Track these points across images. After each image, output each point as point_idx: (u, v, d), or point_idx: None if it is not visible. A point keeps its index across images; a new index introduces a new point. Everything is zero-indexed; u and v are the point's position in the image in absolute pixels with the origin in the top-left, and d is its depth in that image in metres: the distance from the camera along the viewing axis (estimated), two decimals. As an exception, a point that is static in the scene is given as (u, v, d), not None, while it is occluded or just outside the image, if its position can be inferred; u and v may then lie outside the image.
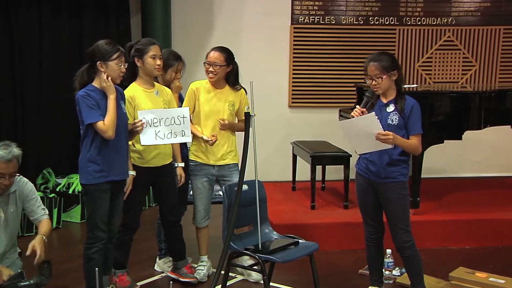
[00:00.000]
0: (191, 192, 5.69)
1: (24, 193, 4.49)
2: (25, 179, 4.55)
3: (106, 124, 4.29)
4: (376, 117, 4.35)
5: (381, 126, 4.33)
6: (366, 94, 4.60)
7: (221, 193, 5.80)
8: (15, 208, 4.46)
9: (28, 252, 4.24)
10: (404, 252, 4.61)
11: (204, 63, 5.16)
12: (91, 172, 4.40)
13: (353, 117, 4.49)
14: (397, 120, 4.46)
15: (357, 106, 4.53)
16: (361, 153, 4.68)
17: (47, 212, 4.63)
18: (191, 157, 5.27)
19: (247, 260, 5.22)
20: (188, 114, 4.77)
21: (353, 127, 4.48)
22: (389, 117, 4.48)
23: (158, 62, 4.86)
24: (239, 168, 5.07)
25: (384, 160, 4.51)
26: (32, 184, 4.61)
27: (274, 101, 8.34)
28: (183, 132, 4.74)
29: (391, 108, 4.51)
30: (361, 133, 4.40)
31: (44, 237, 4.38)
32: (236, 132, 5.28)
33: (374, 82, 4.48)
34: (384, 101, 4.56)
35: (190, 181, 5.37)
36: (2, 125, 7.15)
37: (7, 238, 4.43)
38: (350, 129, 4.50)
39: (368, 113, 4.49)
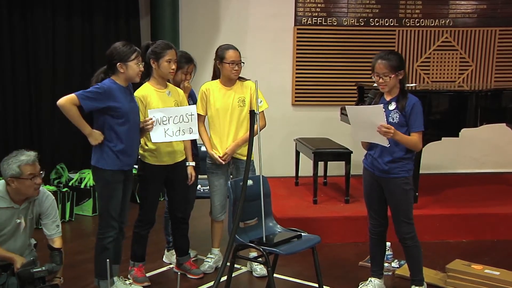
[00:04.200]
0: (199, 186, 5.79)
1: (42, 206, 4.51)
2: (48, 193, 4.59)
3: (70, 107, 4.39)
4: (384, 110, 4.38)
5: (385, 119, 4.35)
6: (369, 95, 4.60)
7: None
8: (32, 215, 4.51)
9: None
10: (406, 243, 4.68)
11: (228, 63, 5.10)
12: (105, 158, 4.54)
13: None
14: (398, 118, 4.51)
15: None
16: (357, 140, 4.71)
17: (61, 230, 4.60)
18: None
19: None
20: (195, 112, 4.82)
21: (359, 114, 4.50)
22: (390, 115, 4.51)
23: (173, 66, 4.91)
24: (252, 164, 5.18)
25: (387, 157, 4.56)
26: (54, 199, 4.62)
27: (278, 99, 8.26)
28: (190, 129, 4.79)
29: (392, 106, 4.55)
30: (365, 122, 4.42)
31: (61, 279, 4.48)
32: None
33: (381, 80, 4.49)
34: (387, 98, 4.60)
35: (198, 177, 5.40)
36: (18, 123, 7.31)
37: (23, 240, 4.50)
38: (356, 115, 4.52)
39: None
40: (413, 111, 4.50)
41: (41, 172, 4.42)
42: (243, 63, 5.20)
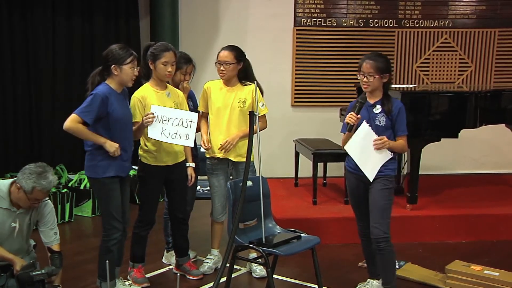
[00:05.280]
0: (198, 187, 5.78)
1: (41, 213, 4.51)
2: (48, 200, 4.58)
3: (76, 126, 4.38)
4: (368, 124, 4.45)
5: (373, 133, 4.43)
6: (359, 100, 4.63)
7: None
8: (29, 222, 4.51)
9: None
10: (380, 245, 4.57)
11: (215, 63, 5.17)
12: (99, 166, 4.53)
13: (348, 123, 4.54)
14: (384, 122, 4.54)
15: (351, 112, 4.57)
16: (370, 173, 4.59)
17: (59, 237, 4.59)
18: (208, 155, 5.30)
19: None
20: (196, 120, 4.81)
21: (355, 145, 4.53)
22: (376, 118, 4.56)
23: (169, 69, 4.88)
24: (252, 164, 5.16)
25: None
26: (53, 206, 4.62)
27: (278, 100, 8.26)
28: (187, 135, 4.77)
29: (378, 109, 4.58)
30: (363, 147, 4.47)
31: (60, 287, 4.51)
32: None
33: (365, 79, 4.53)
34: (371, 101, 4.62)
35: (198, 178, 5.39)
36: (18, 123, 7.32)
37: (20, 243, 4.50)
38: (355, 148, 4.54)
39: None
40: (399, 115, 4.57)
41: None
42: (233, 64, 5.13)
